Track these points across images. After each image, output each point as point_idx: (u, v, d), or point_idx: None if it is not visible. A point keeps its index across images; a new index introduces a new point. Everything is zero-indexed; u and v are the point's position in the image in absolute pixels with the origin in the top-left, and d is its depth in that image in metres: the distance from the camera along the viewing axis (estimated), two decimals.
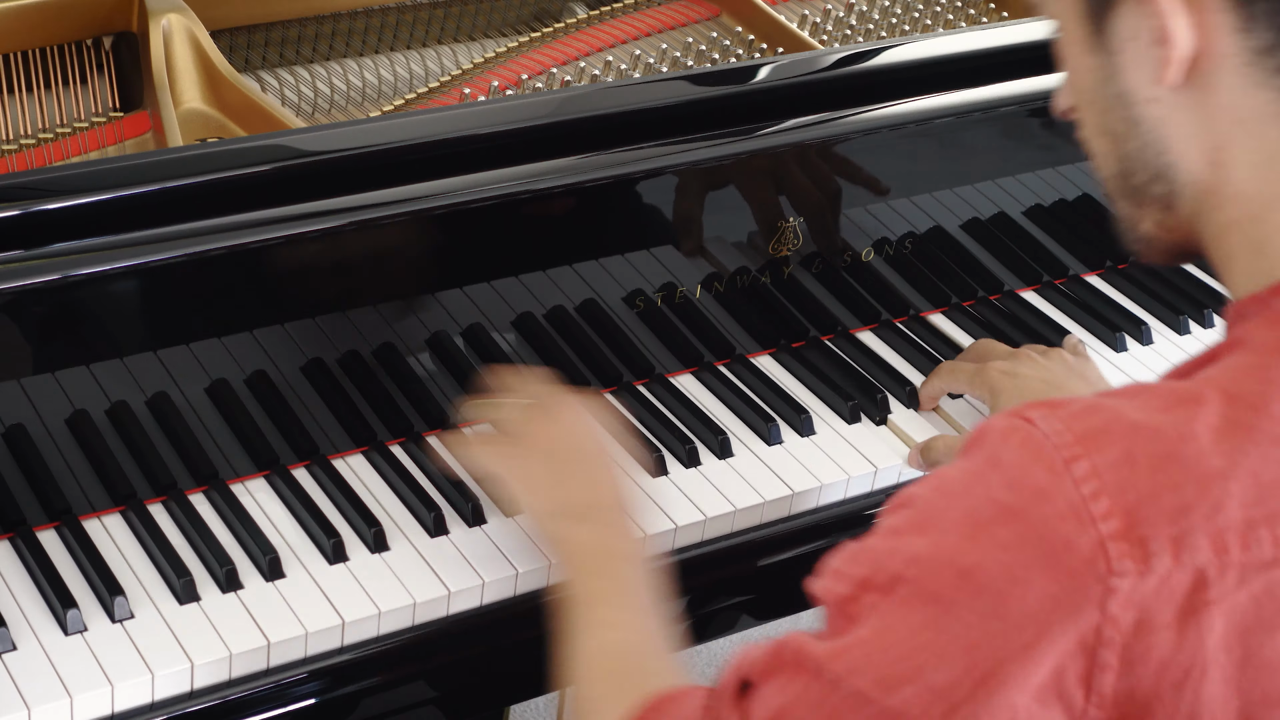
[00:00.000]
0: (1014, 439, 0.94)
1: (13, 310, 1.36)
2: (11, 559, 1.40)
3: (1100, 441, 0.92)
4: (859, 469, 1.61)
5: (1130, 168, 1.04)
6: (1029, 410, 0.95)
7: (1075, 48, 1.05)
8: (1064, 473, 0.92)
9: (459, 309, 1.57)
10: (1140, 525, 0.90)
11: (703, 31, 1.97)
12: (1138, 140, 1.03)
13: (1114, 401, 0.95)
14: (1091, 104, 1.05)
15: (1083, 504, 0.91)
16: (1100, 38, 1.02)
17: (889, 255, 1.80)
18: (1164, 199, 1.04)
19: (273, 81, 1.78)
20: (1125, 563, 0.90)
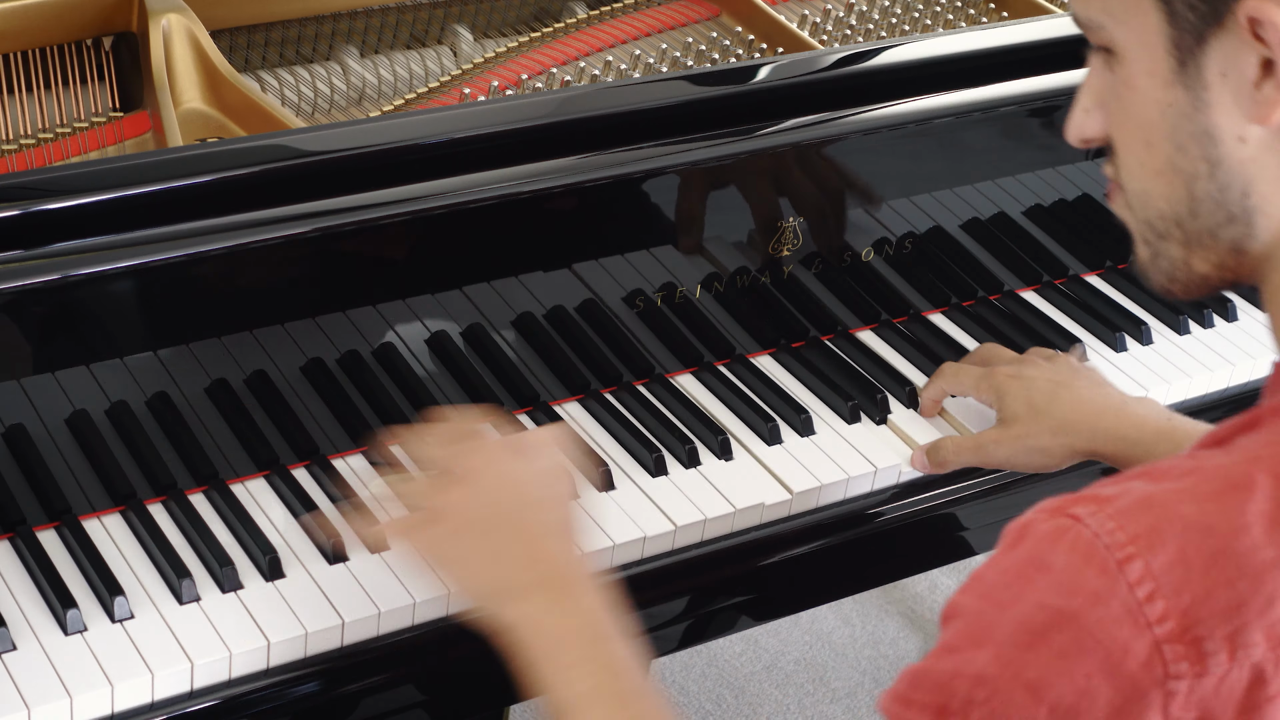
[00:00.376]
0: (1063, 541, 0.92)
1: (13, 310, 1.36)
2: (11, 559, 1.40)
3: (1153, 541, 0.90)
4: (859, 469, 1.61)
5: (1200, 209, 1.00)
6: (1075, 506, 0.93)
7: (1147, 79, 1.00)
8: (1118, 575, 0.90)
9: (459, 309, 1.57)
10: (1195, 626, 0.89)
11: (703, 31, 1.97)
12: (1217, 181, 0.99)
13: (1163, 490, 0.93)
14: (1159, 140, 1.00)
15: (1138, 608, 0.90)
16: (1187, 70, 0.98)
17: (889, 255, 1.80)
18: (1236, 242, 1.00)
19: (273, 81, 1.78)
20: (1181, 665, 0.89)
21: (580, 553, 1.28)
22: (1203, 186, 1.00)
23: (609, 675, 1.19)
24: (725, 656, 2.76)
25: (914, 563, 1.80)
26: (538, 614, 1.22)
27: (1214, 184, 0.99)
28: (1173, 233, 1.03)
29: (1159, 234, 1.04)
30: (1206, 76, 0.97)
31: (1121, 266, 1.97)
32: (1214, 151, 0.98)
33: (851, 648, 2.83)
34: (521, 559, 1.25)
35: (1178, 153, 1.00)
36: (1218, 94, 0.97)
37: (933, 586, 2.96)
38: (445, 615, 1.42)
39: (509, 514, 1.27)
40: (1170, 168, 1.01)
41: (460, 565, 1.27)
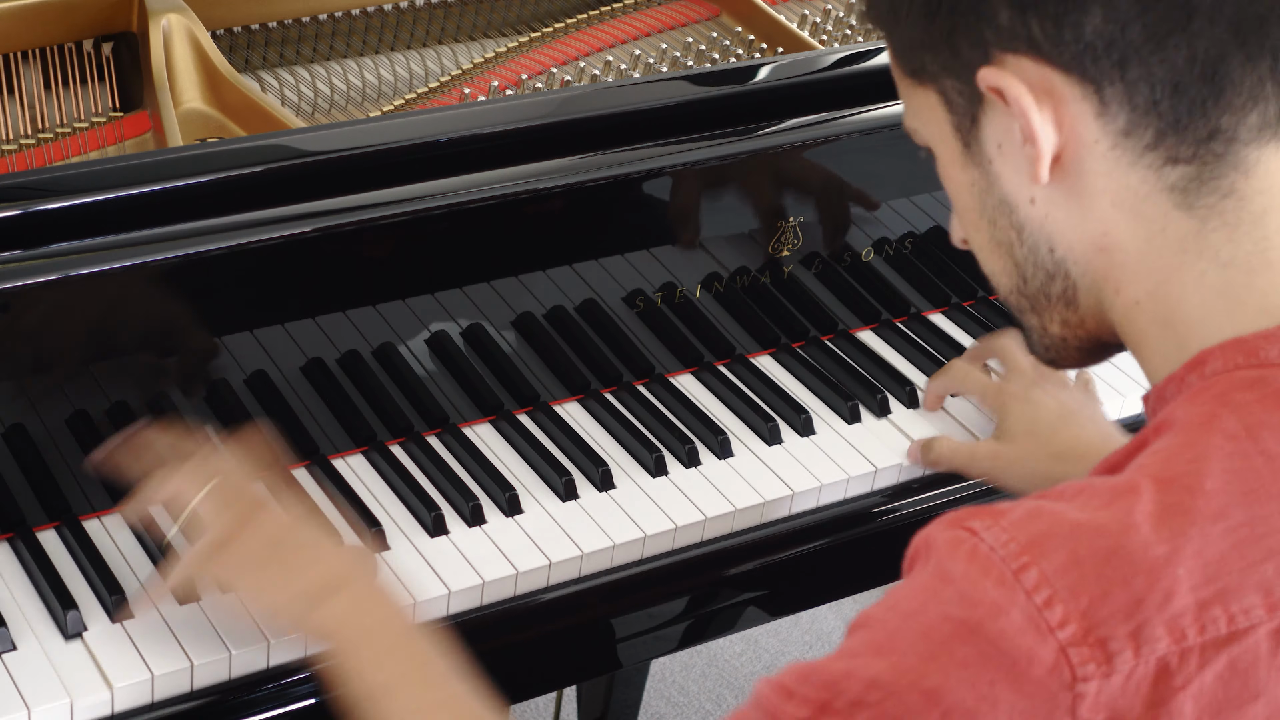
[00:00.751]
0: (960, 552, 0.93)
1: (13, 310, 1.36)
2: (11, 559, 1.40)
3: (1045, 547, 0.92)
4: (859, 469, 1.61)
5: (1026, 273, 1.07)
6: (970, 519, 0.95)
7: (952, 168, 1.08)
8: (1015, 584, 0.91)
9: (459, 309, 1.57)
10: (1097, 627, 0.90)
11: (703, 31, 1.97)
12: (1027, 243, 1.05)
13: (1053, 504, 0.95)
14: (979, 220, 1.08)
15: (1038, 614, 0.90)
16: (971, 150, 1.05)
17: (889, 255, 1.80)
18: (1064, 295, 1.06)
19: (273, 81, 1.78)
20: (1089, 666, 0.90)
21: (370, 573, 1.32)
22: (1019, 252, 1.07)
23: (415, 661, 1.22)
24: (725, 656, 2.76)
25: None
26: (342, 612, 1.26)
27: (1025, 248, 1.06)
28: (1022, 304, 1.10)
29: (1017, 308, 1.11)
30: (988, 151, 1.05)
31: None
32: (1015, 218, 1.05)
33: None
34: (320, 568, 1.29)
35: (991, 227, 1.08)
36: (1000, 165, 1.04)
37: None
38: (445, 615, 1.42)
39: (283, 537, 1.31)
40: (993, 242, 1.08)
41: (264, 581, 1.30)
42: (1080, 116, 0.99)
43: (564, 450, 1.58)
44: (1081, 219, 1.03)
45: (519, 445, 1.58)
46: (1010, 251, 1.07)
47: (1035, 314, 1.10)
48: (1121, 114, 0.99)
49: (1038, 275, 1.07)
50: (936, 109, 1.07)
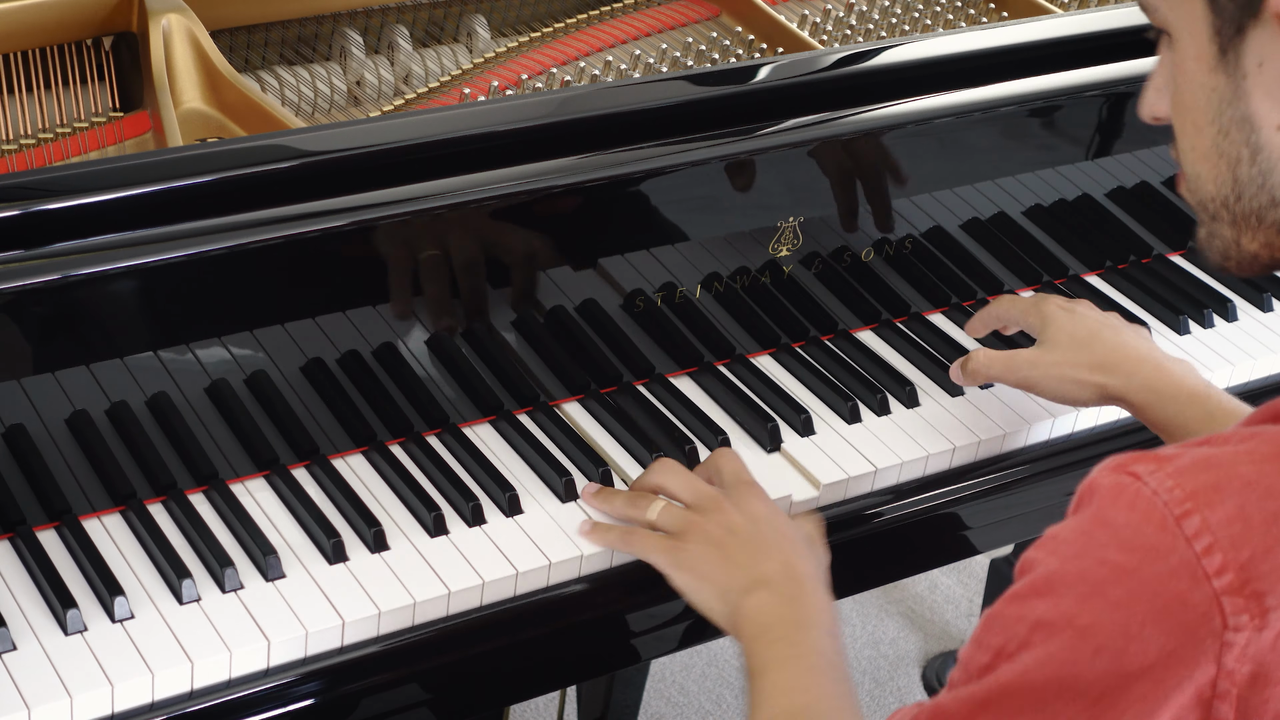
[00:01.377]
0: (1123, 498, 0.95)
1: (13, 310, 1.36)
2: (11, 559, 1.40)
3: (1212, 497, 0.92)
4: (859, 469, 1.61)
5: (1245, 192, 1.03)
6: (1135, 464, 0.95)
7: (1195, 64, 1.03)
8: (1175, 530, 0.92)
9: (458, 309, 1.57)
10: (1255, 580, 0.91)
11: (703, 31, 1.97)
12: (1260, 165, 1.02)
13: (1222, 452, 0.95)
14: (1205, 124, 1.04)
15: (1195, 560, 0.92)
16: (1228, 57, 1.01)
17: (889, 255, 1.80)
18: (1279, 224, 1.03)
19: (273, 81, 1.78)
20: (1241, 617, 0.91)
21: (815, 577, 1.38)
22: (1245, 171, 1.03)
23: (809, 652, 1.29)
24: (725, 656, 2.76)
25: (914, 563, 1.80)
26: (758, 605, 1.34)
27: (1255, 169, 1.02)
28: (1222, 214, 1.06)
29: (1211, 215, 1.07)
30: (1245, 65, 1.00)
31: (1122, 266, 1.97)
32: (1254, 138, 1.01)
33: (851, 648, 2.83)
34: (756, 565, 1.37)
35: (1222, 137, 1.03)
36: (1255, 83, 1.00)
37: (933, 586, 2.96)
38: (445, 615, 1.42)
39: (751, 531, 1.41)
40: (1216, 151, 1.04)
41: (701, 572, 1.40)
42: None
43: (564, 450, 1.58)
44: None
45: (519, 445, 1.58)
46: (1234, 167, 1.03)
47: (1234, 228, 1.06)
48: None
49: (1259, 198, 1.03)
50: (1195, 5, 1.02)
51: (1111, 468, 0.97)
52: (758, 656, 1.30)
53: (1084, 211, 1.92)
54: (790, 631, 1.31)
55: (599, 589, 1.48)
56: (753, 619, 1.33)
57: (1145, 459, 0.96)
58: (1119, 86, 1.83)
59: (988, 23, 2.04)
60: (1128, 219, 1.96)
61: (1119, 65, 1.82)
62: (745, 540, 1.40)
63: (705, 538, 1.41)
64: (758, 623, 1.33)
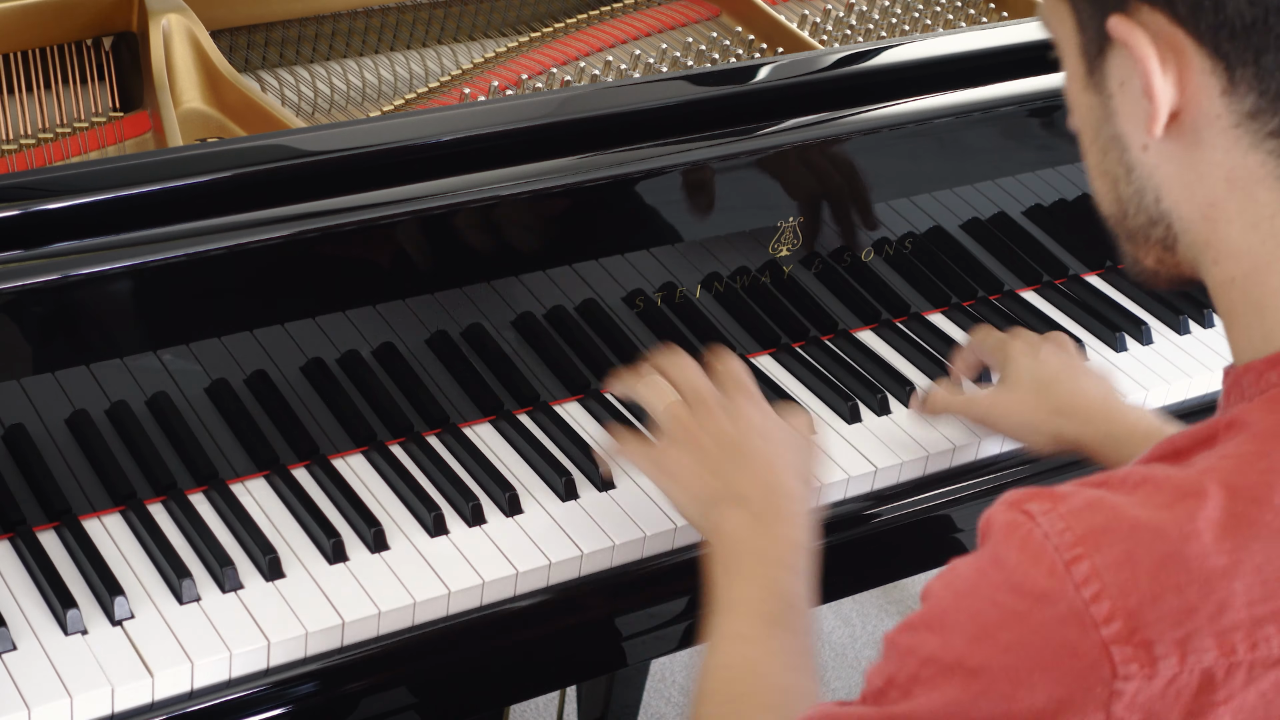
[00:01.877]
0: (1015, 538, 0.94)
1: (13, 310, 1.36)
2: (11, 559, 1.40)
3: (1101, 541, 0.91)
4: (859, 469, 1.61)
5: (1128, 210, 1.04)
6: (1029, 502, 0.94)
7: (1073, 82, 1.05)
8: (1065, 575, 0.91)
9: (459, 309, 1.57)
10: (1144, 628, 0.90)
11: (703, 31, 1.97)
12: (1134, 184, 1.02)
13: (1115, 496, 0.94)
14: (1089, 142, 1.05)
15: (1084, 607, 0.90)
16: (1094, 77, 1.02)
17: (889, 255, 1.80)
18: (1164, 241, 1.03)
19: (273, 81, 1.78)
20: (1130, 666, 0.90)
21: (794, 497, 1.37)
22: (1124, 189, 1.03)
23: (769, 595, 1.28)
24: None
25: (913, 563, 1.80)
26: (732, 525, 1.33)
27: (1131, 188, 1.03)
28: (1118, 231, 1.07)
29: (1111, 233, 1.08)
30: (1109, 85, 1.01)
31: (1121, 266, 1.97)
32: (1126, 157, 1.02)
33: (851, 648, 2.82)
34: (733, 477, 1.37)
35: (1103, 156, 1.04)
36: (1120, 103, 1.00)
37: None
38: (445, 614, 1.42)
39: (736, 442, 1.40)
40: (1101, 170, 1.05)
41: (678, 476, 1.40)
42: (1205, 88, 0.96)
43: (564, 450, 1.58)
44: (1192, 183, 0.99)
45: (519, 445, 1.58)
46: (1115, 185, 1.03)
47: (1131, 245, 1.06)
48: (1249, 97, 0.95)
49: (1139, 216, 1.03)
50: (1068, 22, 1.02)
51: (1007, 503, 0.96)
52: (722, 588, 1.30)
53: (1084, 211, 1.91)
54: (759, 568, 1.30)
55: (599, 589, 1.48)
56: (723, 540, 1.33)
57: (1040, 496, 0.94)
58: None
59: (988, 23, 2.04)
60: None
61: None
62: (730, 450, 1.39)
63: (690, 442, 1.41)
64: (727, 546, 1.33)
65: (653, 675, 2.68)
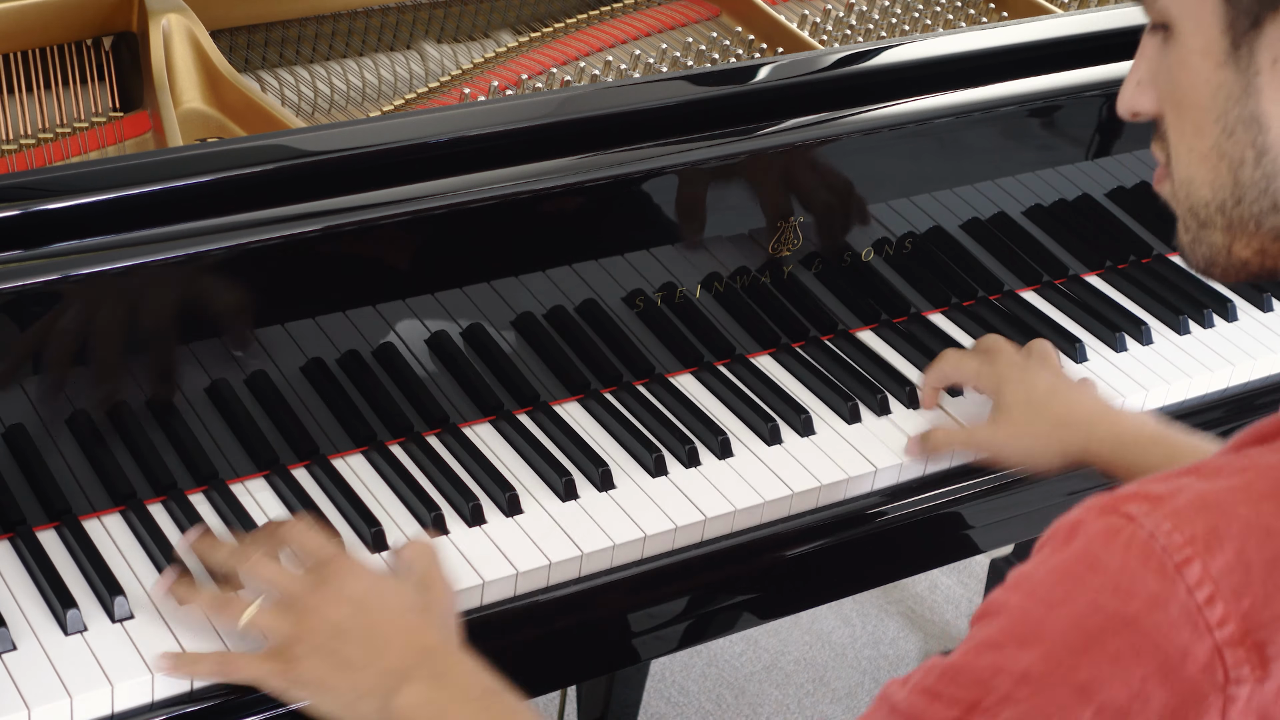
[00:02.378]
0: (1117, 541, 0.89)
1: (13, 310, 1.36)
2: (11, 559, 1.40)
3: (1211, 543, 0.88)
4: (859, 469, 1.61)
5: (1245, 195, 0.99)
6: (1128, 505, 0.91)
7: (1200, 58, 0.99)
8: (1176, 578, 0.88)
9: (459, 309, 1.57)
10: (1256, 630, 0.88)
11: (703, 31, 1.97)
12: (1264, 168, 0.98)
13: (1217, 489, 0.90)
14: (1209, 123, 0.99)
15: (1197, 611, 0.88)
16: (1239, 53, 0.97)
17: (889, 255, 1.80)
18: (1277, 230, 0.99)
19: (273, 81, 1.78)
20: (1243, 669, 0.88)
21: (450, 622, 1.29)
22: (1248, 173, 0.98)
23: None
24: (725, 656, 2.76)
25: (914, 563, 1.80)
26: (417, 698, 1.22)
27: (1259, 171, 0.98)
28: (1215, 219, 1.01)
29: (1201, 221, 1.02)
30: (1259, 61, 0.96)
31: (1122, 266, 1.97)
32: (1261, 139, 0.97)
33: (851, 648, 2.83)
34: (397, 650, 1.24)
35: (1225, 137, 0.99)
36: (1268, 80, 0.96)
37: (933, 586, 2.96)
38: None
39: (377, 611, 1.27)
40: (1217, 152, 0.99)
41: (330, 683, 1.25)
42: None
43: (564, 450, 1.58)
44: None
45: (519, 445, 1.58)
46: (1236, 169, 0.99)
47: (1227, 234, 1.01)
48: None
49: (1260, 202, 0.98)
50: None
51: (1100, 508, 0.92)
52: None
53: (1084, 211, 1.92)
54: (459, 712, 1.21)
55: (599, 589, 1.48)
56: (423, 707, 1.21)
57: (1137, 498, 0.91)
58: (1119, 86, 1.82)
59: (988, 23, 2.04)
60: (1128, 219, 1.96)
61: (1119, 65, 1.82)
62: (357, 636, 1.25)
63: (312, 647, 1.25)
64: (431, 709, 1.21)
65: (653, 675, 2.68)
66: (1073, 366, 1.78)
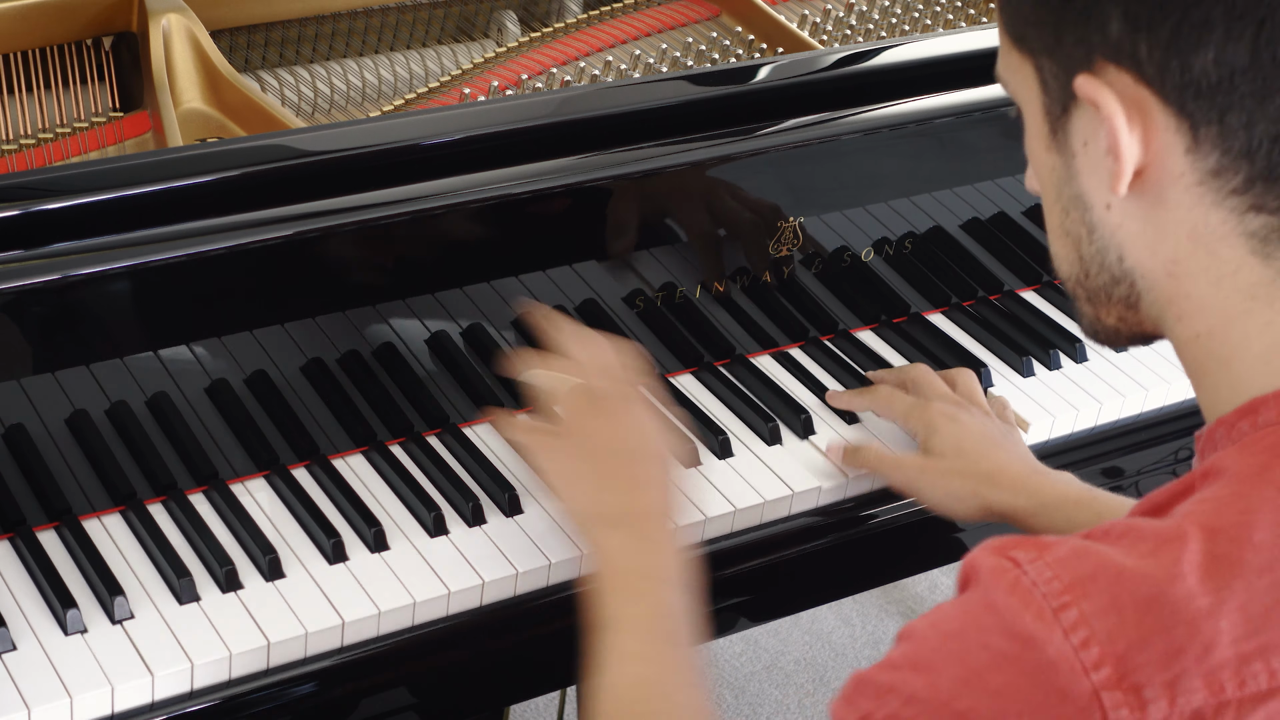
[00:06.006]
0: (1002, 582, 0.94)
1: (13, 310, 1.36)
2: (11, 559, 1.40)
3: (1088, 588, 0.92)
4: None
5: (1090, 270, 1.05)
6: (1014, 549, 0.95)
7: (1035, 142, 1.05)
8: (1054, 621, 0.91)
9: (459, 309, 1.57)
10: (1133, 673, 0.90)
11: (703, 31, 1.97)
12: (1096, 244, 1.03)
13: (1099, 546, 0.95)
14: (1053, 204, 1.05)
15: (1073, 653, 0.91)
16: (1057, 137, 1.03)
17: (889, 255, 1.80)
18: (1127, 300, 1.05)
19: (273, 81, 1.78)
20: (1121, 711, 0.90)
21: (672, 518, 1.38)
22: (1086, 249, 1.04)
23: (660, 613, 1.28)
24: (725, 656, 2.76)
25: (914, 563, 1.80)
26: (616, 545, 1.33)
27: (1093, 248, 1.04)
28: (1078, 292, 1.08)
29: (1072, 295, 1.09)
30: (1073, 145, 1.02)
31: None
32: (1089, 217, 1.03)
33: (851, 648, 2.83)
34: (624, 497, 1.37)
35: (1064, 216, 1.05)
36: (1083, 162, 1.02)
37: (933, 586, 2.96)
38: (445, 615, 1.42)
39: (631, 456, 1.39)
40: (1062, 230, 1.06)
41: (569, 480, 1.39)
42: (1170, 147, 0.97)
43: None
44: (1155, 241, 1.01)
45: None
46: (1078, 245, 1.05)
47: (1092, 305, 1.07)
48: (1213, 155, 0.96)
49: (1102, 275, 1.04)
50: (1031, 82, 1.04)
51: (992, 549, 0.96)
52: (609, 607, 1.29)
53: None
54: (644, 586, 1.30)
55: None
56: (608, 557, 1.33)
57: (1025, 544, 0.95)
58: None
59: (988, 23, 2.04)
60: None
61: None
62: (620, 462, 1.39)
63: (584, 446, 1.40)
64: (612, 565, 1.32)
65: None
66: (1075, 366, 1.78)
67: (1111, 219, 1.02)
